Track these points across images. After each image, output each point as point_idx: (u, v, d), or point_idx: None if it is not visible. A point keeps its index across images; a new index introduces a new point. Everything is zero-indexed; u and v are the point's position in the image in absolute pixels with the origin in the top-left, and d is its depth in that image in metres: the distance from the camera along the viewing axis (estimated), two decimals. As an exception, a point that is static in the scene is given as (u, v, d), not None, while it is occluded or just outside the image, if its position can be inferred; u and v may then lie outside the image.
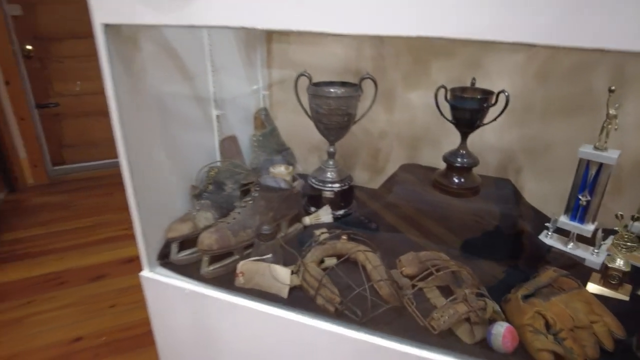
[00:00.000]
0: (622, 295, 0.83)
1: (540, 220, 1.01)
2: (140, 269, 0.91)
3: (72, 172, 2.87)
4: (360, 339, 0.73)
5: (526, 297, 0.77)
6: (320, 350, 0.78)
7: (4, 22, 2.41)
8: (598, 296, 0.80)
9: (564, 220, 0.94)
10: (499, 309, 0.76)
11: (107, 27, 0.68)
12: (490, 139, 1.11)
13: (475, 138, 1.03)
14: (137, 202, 0.83)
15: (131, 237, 0.92)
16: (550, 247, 0.94)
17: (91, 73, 2.75)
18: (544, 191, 1.10)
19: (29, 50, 2.57)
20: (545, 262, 0.89)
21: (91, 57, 2.65)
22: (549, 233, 0.99)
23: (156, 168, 0.90)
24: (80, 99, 2.78)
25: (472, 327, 0.73)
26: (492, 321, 0.73)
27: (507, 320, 0.75)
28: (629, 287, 0.84)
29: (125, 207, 0.84)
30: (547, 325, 0.72)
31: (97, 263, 1.94)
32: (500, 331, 0.70)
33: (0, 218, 2.29)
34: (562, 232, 0.96)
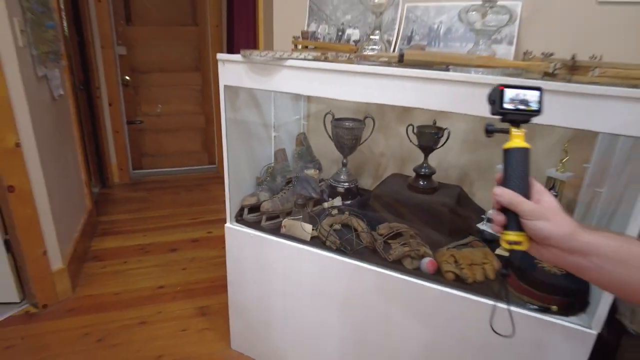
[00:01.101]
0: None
1: (482, 214, 1.55)
2: (203, 245, 1.52)
3: (148, 175, 3.61)
4: (349, 263, 1.31)
5: (449, 249, 1.32)
6: (326, 270, 1.36)
7: (114, 60, 3.21)
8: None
9: (492, 212, 1.48)
10: (430, 251, 1.31)
11: (226, 87, 1.32)
12: (451, 160, 1.67)
13: (440, 158, 1.60)
14: (228, 184, 1.45)
15: (195, 224, 1.53)
16: (477, 227, 1.48)
17: (170, 99, 3.51)
18: (488, 196, 1.64)
19: (127, 80, 3.36)
20: (469, 234, 1.43)
21: (170, 87, 3.46)
22: (485, 222, 1.52)
23: (239, 165, 1.52)
24: (160, 119, 3.53)
25: (412, 260, 1.29)
26: (423, 257, 1.29)
27: (435, 259, 1.30)
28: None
29: (190, 203, 1.44)
30: (457, 263, 1.27)
31: (171, 240, 2.60)
32: (426, 260, 1.26)
33: (98, 205, 3.01)
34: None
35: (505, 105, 0.62)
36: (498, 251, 1.36)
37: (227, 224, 1.52)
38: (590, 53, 1.29)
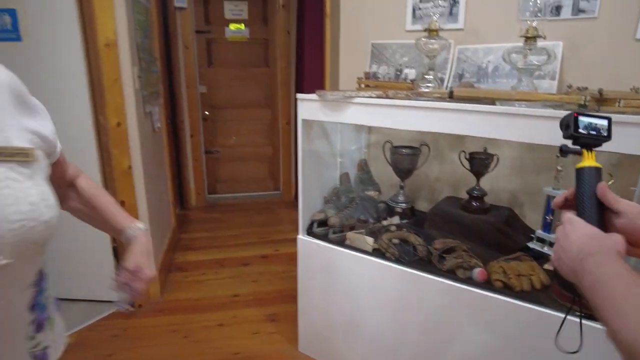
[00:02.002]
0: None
1: (532, 233, 1.68)
2: (271, 261, 1.77)
3: (221, 199, 4.00)
4: (407, 272, 1.49)
5: (498, 261, 1.46)
6: (386, 278, 1.55)
7: (196, 97, 3.70)
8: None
9: (540, 232, 1.61)
10: (480, 263, 1.46)
11: (303, 120, 1.59)
12: (501, 183, 1.82)
13: (491, 182, 1.76)
14: (302, 201, 1.71)
15: (264, 242, 1.76)
16: (527, 245, 1.60)
17: (242, 131, 3.93)
18: (537, 217, 1.76)
19: (206, 114, 3.82)
20: (517, 249, 1.56)
21: (243, 121, 3.86)
22: (535, 240, 1.64)
23: (310, 186, 1.78)
24: (233, 149, 3.95)
25: (464, 270, 1.45)
26: (474, 267, 1.44)
27: (485, 270, 1.44)
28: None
29: (259, 224, 1.70)
30: (505, 273, 1.41)
31: (243, 256, 2.89)
32: (477, 270, 1.41)
33: (179, 224, 3.40)
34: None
35: (580, 131, 0.68)
36: (546, 266, 1.48)
37: (299, 236, 1.76)
38: (630, 85, 1.43)
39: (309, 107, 1.56)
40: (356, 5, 2.01)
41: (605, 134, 0.69)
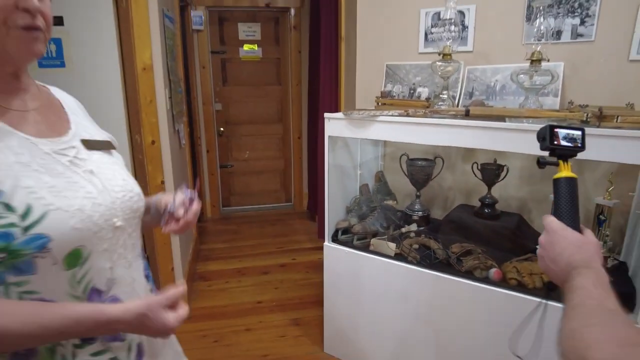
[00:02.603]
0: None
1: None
2: (290, 269, 1.91)
3: (235, 212, 4.14)
4: (429, 273, 1.63)
5: (511, 262, 1.60)
6: (409, 280, 1.69)
7: (212, 114, 3.87)
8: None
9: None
10: (495, 264, 1.60)
11: (330, 137, 1.75)
12: (511, 192, 1.97)
13: (501, 191, 1.91)
14: (328, 211, 1.86)
15: (281, 252, 1.91)
16: (534, 246, 1.75)
17: (255, 145, 4.09)
18: (544, 223, 1.90)
19: (221, 130, 3.99)
20: (530, 252, 1.71)
21: (256, 136, 4.02)
22: (542, 244, 1.79)
23: (333, 197, 1.92)
24: (247, 163, 4.11)
25: (481, 271, 1.59)
26: (490, 268, 1.58)
27: (501, 269, 1.58)
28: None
29: (274, 235, 1.84)
30: (518, 273, 1.55)
31: (262, 265, 3.03)
32: (493, 270, 1.55)
33: (198, 236, 3.54)
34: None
35: (556, 142, 0.72)
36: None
37: (326, 243, 1.90)
38: (625, 101, 1.59)
39: (335, 124, 1.72)
40: (372, 31, 2.19)
41: (580, 144, 0.72)
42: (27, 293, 0.61)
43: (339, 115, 1.69)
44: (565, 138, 0.73)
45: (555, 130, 0.73)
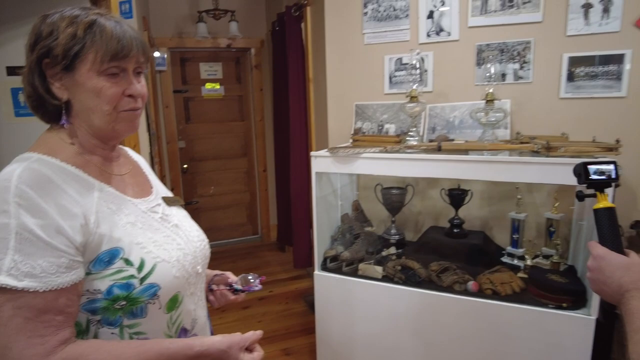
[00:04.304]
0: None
1: (503, 250, 2.08)
2: (269, 302, 2.04)
3: (203, 247, 4.12)
4: (415, 291, 1.81)
5: (484, 274, 1.83)
6: (397, 299, 1.86)
7: (177, 152, 3.90)
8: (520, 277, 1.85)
9: (509, 248, 2.01)
10: (471, 278, 1.82)
11: (317, 173, 1.92)
12: (475, 212, 2.23)
13: (468, 212, 2.16)
14: (317, 241, 2.00)
15: None
16: (500, 260, 2.00)
17: (221, 180, 4.15)
18: (504, 237, 2.18)
19: (185, 168, 4.01)
20: (496, 264, 1.95)
21: (221, 171, 4.10)
22: (506, 255, 2.04)
23: (320, 227, 2.07)
24: (213, 198, 4.14)
25: (460, 284, 1.80)
26: (468, 281, 1.80)
27: (477, 281, 1.80)
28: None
29: (247, 268, 1.93)
30: (492, 283, 1.78)
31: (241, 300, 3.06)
32: (470, 283, 1.77)
33: (169, 276, 3.49)
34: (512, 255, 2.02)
35: (591, 177, 0.77)
36: (520, 274, 1.87)
37: (316, 272, 2.03)
38: (560, 132, 1.92)
39: (321, 162, 1.89)
40: (341, 74, 2.42)
41: (614, 176, 0.79)
42: (137, 334, 0.71)
43: (325, 153, 1.87)
44: (596, 172, 0.79)
45: (587, 166, 0.80)
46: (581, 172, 0.80)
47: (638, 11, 1.82)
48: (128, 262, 0.68)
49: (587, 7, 1.89)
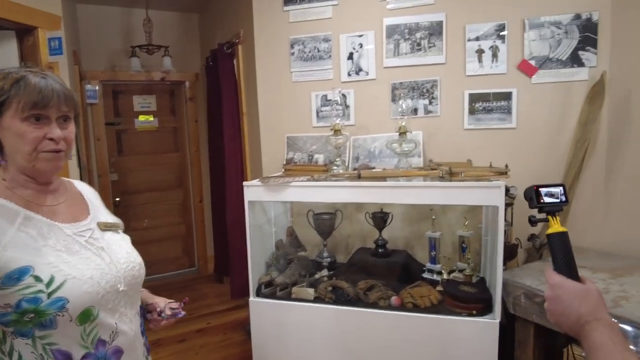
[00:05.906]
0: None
1: (423, 267, 2.28)
2: (207, 334, 2.10)
3: (137, 283, 3.98)
4: (344, 309, 1.94)
5: (406, 289, 2.00)
6: (328, 317, 1.97)
7: (109, 185, 3.80)
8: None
9: (428, 264, 2.22)
10: (394, 293, 1.98)
11: (249, 202, 2.01)
12: (397, 233, 2.43)
13: (391, 232, 2.35)
14: (251, 269, 2.07)
15: (195, 318, 2.14)
16: (422, 275, 2.19)
17: (155, 213, 4.08)
18: (424, 255, 2.39)
19: (117, 201, 3.91)
20: (418, 279, 2.14)
21: (155, 203, 4.05)
22: (425, 271, 2.24)
23: (255, 255, 2.15)
24: (147, 231, 4.04)
25: (384, 300, 1.95)
26: (391, 297, 1.96)
27: (399, 297, 1.96)
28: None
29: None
30: (412, 297, 1.95)
31: (178, 333, 3.00)
32: (393, 298, 1.93)
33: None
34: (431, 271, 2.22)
35: (543, 200, 0.75)
36: (438, 287, 2.07)
37: (251, 298, 2.10)
38: (466, 158, 2.19)
39: (254, 191, 1.99)
40: (272, 109, 2.57)
41: (564, 199, 0.76)
42: (49, 344, 0.79)
43: (257, 182, 1.98)
44: (547, 195, 0.77)
45: (539, 189, 0.77)
46: (532, 195, 0.78)
47: (519, 57, 2.17)
48: (37, 278, 0.78)
49: (480, 52, 2.21)
